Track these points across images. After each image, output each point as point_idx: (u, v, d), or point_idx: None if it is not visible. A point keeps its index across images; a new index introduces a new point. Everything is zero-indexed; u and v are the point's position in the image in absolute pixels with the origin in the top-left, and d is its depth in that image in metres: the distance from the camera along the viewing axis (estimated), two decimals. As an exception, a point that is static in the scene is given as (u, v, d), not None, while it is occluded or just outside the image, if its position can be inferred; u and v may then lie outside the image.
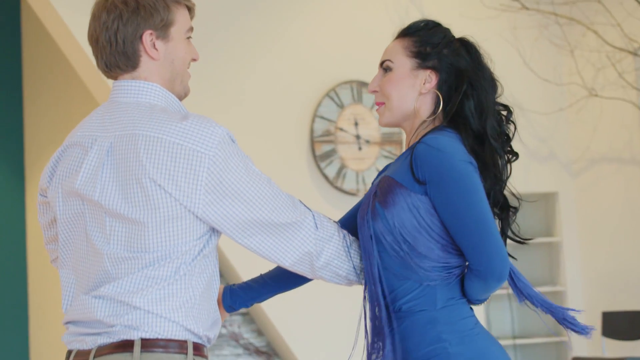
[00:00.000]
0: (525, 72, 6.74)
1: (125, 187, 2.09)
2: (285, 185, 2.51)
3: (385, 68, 2.40)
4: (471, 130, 2.30)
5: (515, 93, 6.59)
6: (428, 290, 2.24)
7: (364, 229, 2.30)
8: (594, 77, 6.78)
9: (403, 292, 2.25)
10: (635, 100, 6.58)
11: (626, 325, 6.43)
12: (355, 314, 2.49)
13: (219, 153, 2.09)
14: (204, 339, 2.15)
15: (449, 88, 2.35)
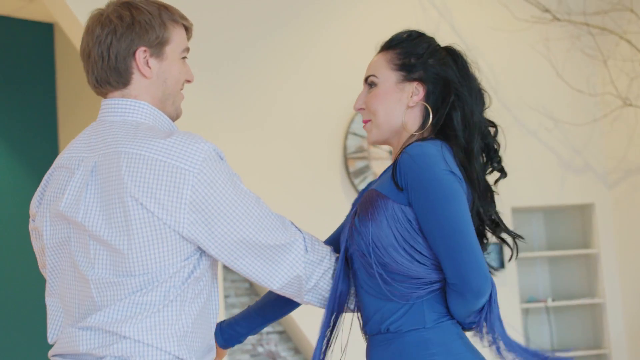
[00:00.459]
0: (559, 84, 6.69)
1: (108, 208, 2.00)
2: (319, 203, 2.47)
3: (369, 83, 2.30)
4: (461, 143, 2.20)
5: (548, 105, 6.56)
6: (415, 308, 2.13)
7: (342, 250, 2.22)
8: (628, 87, 6.73)
9: (389, 312, 2.15)
10: (670, 109, 6.53)
11: (667, 337, 6.37)
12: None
13: (204, 170, 1.99)
14: None
15: (436, 99, 2.24)
